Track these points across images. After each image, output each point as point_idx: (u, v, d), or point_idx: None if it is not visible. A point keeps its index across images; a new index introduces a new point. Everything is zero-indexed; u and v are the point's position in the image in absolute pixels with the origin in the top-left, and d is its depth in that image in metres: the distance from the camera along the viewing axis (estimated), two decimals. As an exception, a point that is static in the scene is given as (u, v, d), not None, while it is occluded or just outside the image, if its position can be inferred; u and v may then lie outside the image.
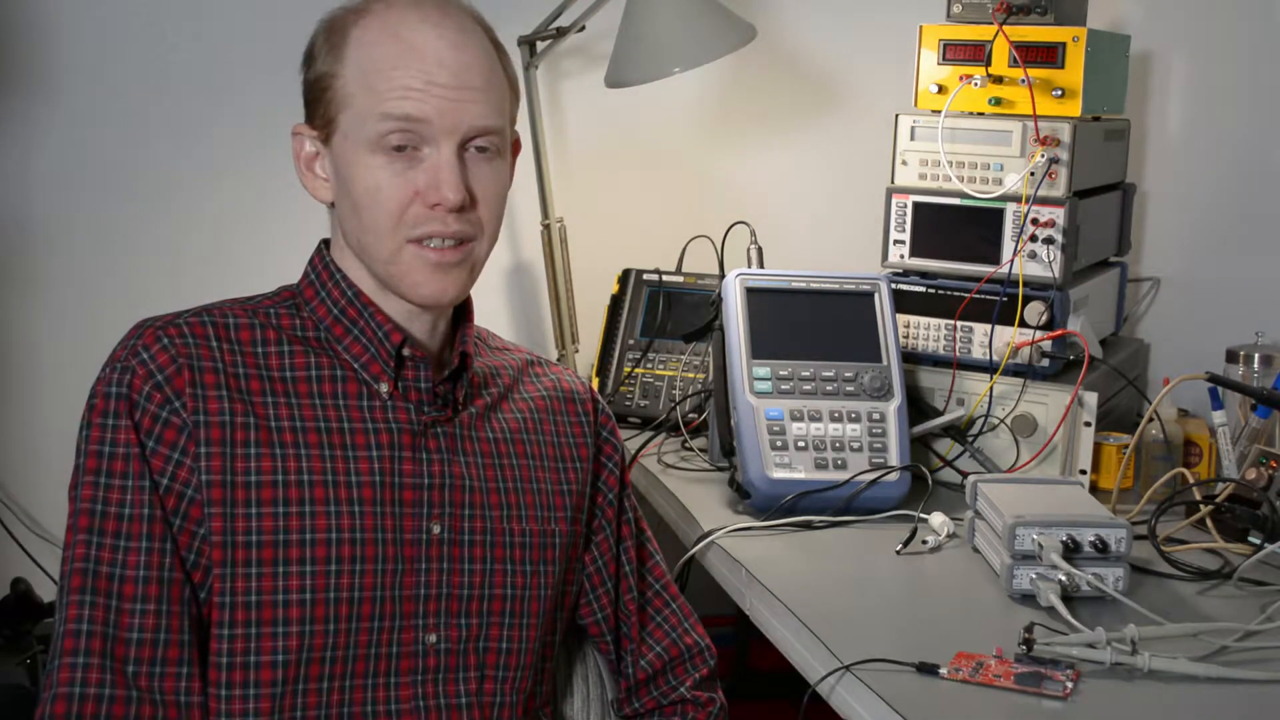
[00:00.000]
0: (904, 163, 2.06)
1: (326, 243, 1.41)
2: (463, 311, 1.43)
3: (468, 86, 1.30)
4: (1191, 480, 1.84)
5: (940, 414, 1.97)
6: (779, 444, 1.82)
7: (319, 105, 1.33)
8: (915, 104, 2.06)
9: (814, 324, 1.91)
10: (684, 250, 2.37)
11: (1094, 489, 1.86)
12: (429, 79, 1.28)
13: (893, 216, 2.06)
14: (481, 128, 1.31)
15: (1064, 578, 1.48)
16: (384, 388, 1.35)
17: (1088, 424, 1.88)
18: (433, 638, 1.33)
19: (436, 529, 1.34)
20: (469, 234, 1.33)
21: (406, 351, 1.35)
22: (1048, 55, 1.95)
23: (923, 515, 1.77)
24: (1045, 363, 1.93)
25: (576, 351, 2.46)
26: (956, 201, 2.00)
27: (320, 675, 1.28)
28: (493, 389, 1.45)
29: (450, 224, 1.31)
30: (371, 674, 1.31)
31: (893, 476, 1.81)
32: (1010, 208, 1.96)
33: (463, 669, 1.35)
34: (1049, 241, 1.93)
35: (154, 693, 1.23)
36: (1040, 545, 1.51)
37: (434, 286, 1.33)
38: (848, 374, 1.88)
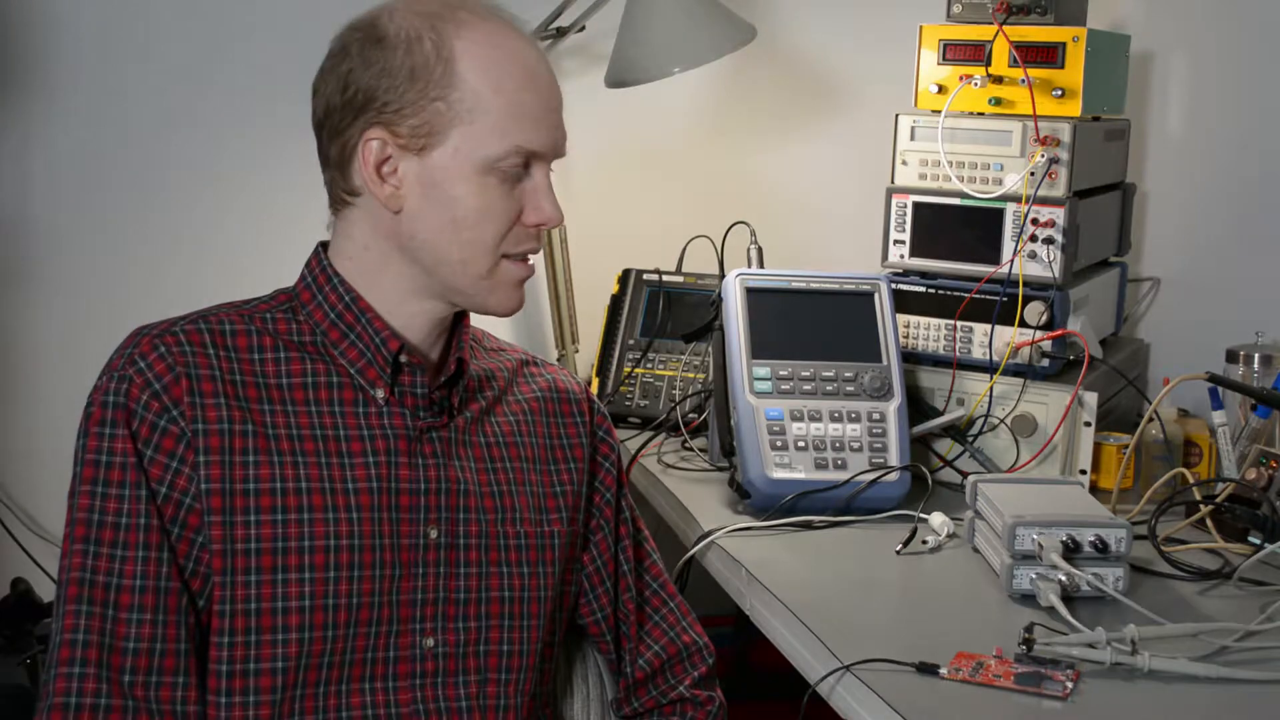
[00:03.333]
0: (904, 163, 2.06)
1: (324, 245, 1.41)
2: (458, 316, 1.43)
3: (561, 109, 1.36)
4: (1191, 480, 1.84)
5: (940, 414, 1.97)
6: (779, 444, 1.82)
7: (415, 115, 1.29)
8: (915, 104, 2.06)
9: (814, 324, 1.91)
10: (684, 250, 2.37)
11: (1094, 489, 1.86)
12: (548, 105, 1.33)
13: (893, 216, 2.06)
14: (564, 150, 1.37)
15: (1064, 578, 1.48)
16: (380, 394, 1.34)
17: (1088, 424, 1.88)
18: (430, 642, 1.33)
19: (433, 534, 1.34)
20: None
21: (404, 358, 1.35)
22: (1048, 55, 1.95)
23: (923, 515, 1.77)
24: (1045, 363, 1.92)
25: (576, 351, 2.46)
26: (956, 201, 2.00)
27: (318, 681, 1.28)
28: (488, 392, 1.45)
29: (540, 240, 1.38)
30: (369, 679, 1.31)
31: (893, 476, 1.81)
32: (1010, 208, 1.96)
33: (462, 672, 1.35)
34: (1049, 241, 1.93)
35: (150, 702, 1.23)
36: (1040, 545, 1.51)
37: (516, 299, 1.38)
38: (848, 374, 1.88)
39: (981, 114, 2.00)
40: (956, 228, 2.01)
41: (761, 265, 2.19)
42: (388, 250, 1.35)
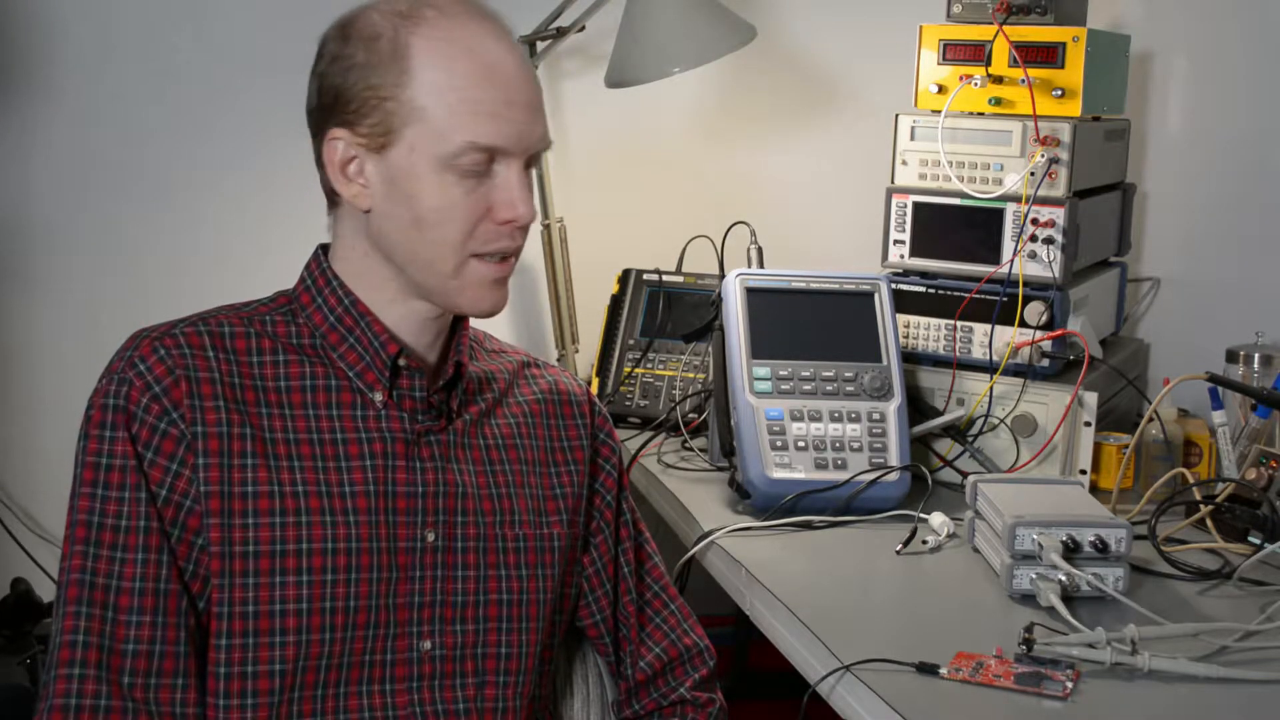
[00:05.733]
0: (904, 163, 2.06)
1: (324, 248, 1.40)
2: (457, 318, 1.43)
3: (535, 105, 1.32)
4: (1191, 480, 1.84)
5: (940, 414, 1.97)
6: (779, 444, 1.82)
7: (371, 114, 1.28)
8: (915, 104, 2.06)
9: (814, 324, 1.91)
10: (684, 250, 2.37)
11: (1094, 489, 1.86)
12: (508, 99, 1.29)
13: (893, 216, 2.06)
14: (543, 146, 1.33)
15: (1064, 578, 1.48)
16: (378, 397, 1.34)
17: (1088, 424, 1.88)
18: (427, 645, 1.33)
19: (431, 537, 1.34)
20: (522, 246, 1.35)
21: (402, 362, 1.35)
22: (1048, 55, 1.95)
23: (923, 515, 1.77)
24: (1045, 363, 1.93)
25: (576, 351, 2.46)
26: (956, 201, 2.00)
27: (316, 683, 1.28)
28: (487, 394, 1.44)
29: (516, 239, 1.33)
30: (367, 681, 1.31)
31: (893, 476, 1.81)
32: (1010, 208, 1.96)
33: (460, 675, 1.35)
34: (1049, 241, 1.93)
35: (150, 704, 1.23)
36: (1040, 545, 1.51)
37: (493, 300, 1.34)
38: (848, 374, 1.88)
39: (981, 114, 2.00)
40: (956, 228, 2.01)
41: (761, 265, 2.19)
42: (369, 249, 1.35)
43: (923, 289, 2.03)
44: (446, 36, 1.28)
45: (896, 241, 2.06)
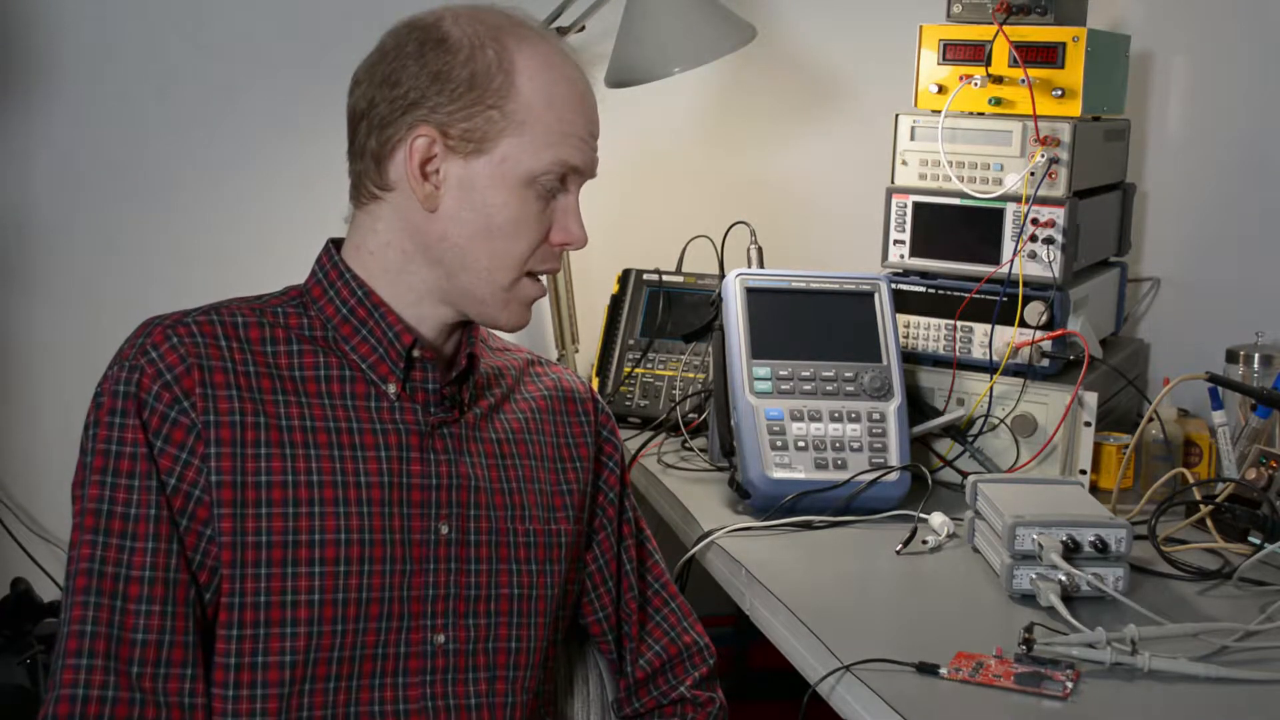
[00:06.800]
0: (904, 163, 2.06)
1: (334, 243, 1.41)
2: None
3: (598, 137, 1.39)
4: (1191, 480, 1.84)
5: (940, 414, 1.97)
6: (779, 444, 1.82)
7: (470, 119, 1.30)
8: (915, 104, 2.06)
9: (814, 324, 1.91)
10: (684, 250, 2.37)
11: (1094, 489, 1.86)
12: (590, 130, 1.37)
13: (893, 216, 2.06)
14: (596, 174, 1.40)
15: (1064, 578, 1.48)
16: (391, 388, 1.35)
17: (1088, 424, 1.88)
18: (441, 638, 1.34)
19: (444, 529, 1.34)
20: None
21: (416, 353, 1.35)
22: (1048, 55, 1.95)
23: (923, 515, 1.77)
24: (1045, 363, 1.93)
25: (576, 351, 2.46)
26: (956, 201, 2.00)
27: (327, 676, 1.28)
28: (496, 390, 1.45)
29: (560, 261, 1.41)
30: (379, 674, 1.31)
31: (893, 476, 1.81)
32: (1010, 208, 1.96)
33: (472, 669, 1.35)
34: (1049, 241, 1.93)
35: (158, 694, 1.23)
36: (1040, 545, 1.51)
37: (525, 317, 1.40)
38: (848, 374, 1.88)
39: (981, 114, 2.00)
40: (956, 228, 2.01)
41: (761, 265, 2.19)
42: (411, 249, 1.35)
43: (923, 289, 2.03)
44: (547, 61, 1.33)
45: (896, 241, 2.06)
